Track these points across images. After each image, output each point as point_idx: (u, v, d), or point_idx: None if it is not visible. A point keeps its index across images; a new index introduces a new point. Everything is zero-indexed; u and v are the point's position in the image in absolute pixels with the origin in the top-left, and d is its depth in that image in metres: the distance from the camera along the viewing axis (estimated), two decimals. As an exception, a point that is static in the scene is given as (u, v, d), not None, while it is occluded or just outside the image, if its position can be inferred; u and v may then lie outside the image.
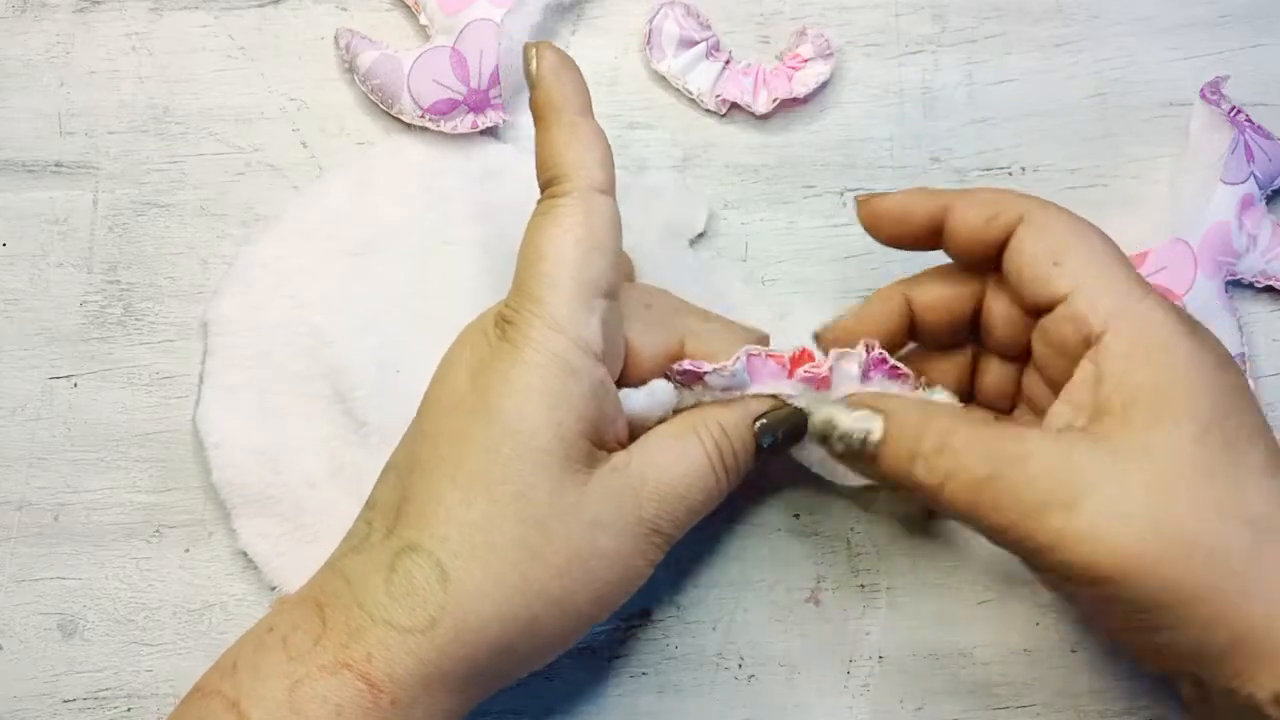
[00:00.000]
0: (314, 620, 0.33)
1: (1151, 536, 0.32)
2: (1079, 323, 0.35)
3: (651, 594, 0.43)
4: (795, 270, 0.46)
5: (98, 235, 0.46)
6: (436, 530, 0.33)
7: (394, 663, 0.33)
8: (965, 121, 0.47)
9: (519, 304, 0.35)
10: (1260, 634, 0.32)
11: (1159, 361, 0.34)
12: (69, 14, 0.47)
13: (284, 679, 0.32)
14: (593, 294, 0.35)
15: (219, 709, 0.33)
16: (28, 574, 0.43)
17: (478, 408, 0.34)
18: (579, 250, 0.35)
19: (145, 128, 0.47)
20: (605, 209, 0.36)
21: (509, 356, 0.34)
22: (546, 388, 0.34)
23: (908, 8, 0.48)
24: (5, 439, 0.44)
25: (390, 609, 0.33)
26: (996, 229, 0.37)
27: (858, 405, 0.36)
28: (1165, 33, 0.48)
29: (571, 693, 0.42)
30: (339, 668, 0.32)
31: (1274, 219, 0.46)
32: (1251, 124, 0.45)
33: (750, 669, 0.42)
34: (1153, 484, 0.33)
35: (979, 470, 0.34)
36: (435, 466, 0.34)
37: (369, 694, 0.32)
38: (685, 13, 0.47)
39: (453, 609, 0.33)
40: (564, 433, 0.34)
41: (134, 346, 0.45)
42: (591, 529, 0.34)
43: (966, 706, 0.42)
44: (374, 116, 0.47)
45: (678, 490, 0.36)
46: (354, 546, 0.35)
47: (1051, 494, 0.33)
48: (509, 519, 0.33)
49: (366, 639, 0.33)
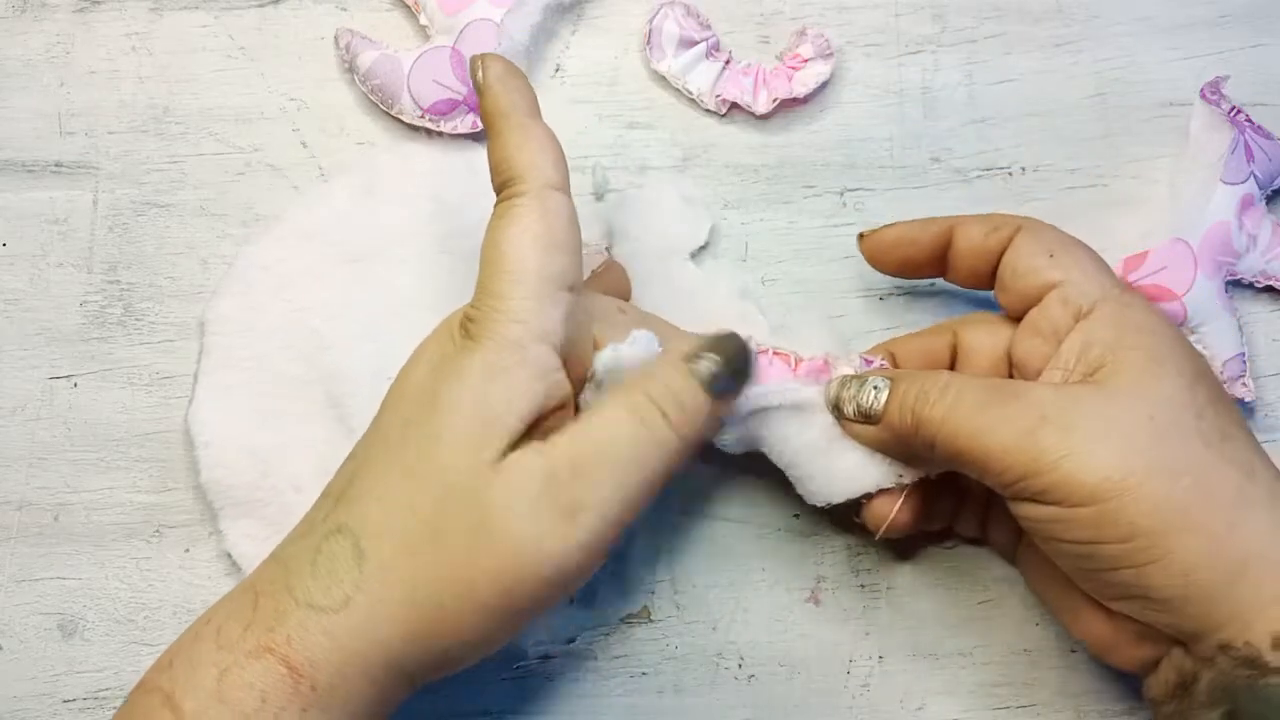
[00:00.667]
0: (247, 607, 0.34)
1: (1142, 458, 0.34)
2: (1069, 304, 0.38)
3: (651, 594, 0.43)
4: (795, 270, 0.46)
5: (98, 235, 0.46)
6: (359, 511, 0.34)
7: (311, 645, 0.32)
8: (965, 121, 0.47)
9: (482, 302, 0.35)
10: (1250, 573, 0.33)
11: (1146, 329, 0.37)
12: (69, 14, 0.47)
13: (213, 668, 0.32)
14: (555, 288, 0.35)
15: (156, 704, 0.33)
16: (28, 574, 0.43)
17: (425, 398, 0.35)
18: (538, 246, 0.35)
19: (145, 128, 0.47)
20: (561, 205, 0.36)
21: (467, 350, 0.34)
22: (489, 371, 0.34)
23: (908, 8, 0.48)
24: (5, 439, 0.44)
25: (312, 590, 0.33)
26: (997, 240, 0.40)
27: (866, 374, 0.39)
28: (1165, 33, 0.48)
29: (571, 693, 0.42)
30: (262, 652, 0.32)
31: (1274, 219, 0.46)
32: (1251, 124, 0.45)
33: (750, 669, 0.42)
34: (1145, 415, 0.35)
35: (979, 398, 0.36)
36: (377, 452, 0.35)
37: (290, 679, 0.32)
38: (685, 13, 0.47)
39: (366, 588, 0.33)
40: (496, 415, 0.33)
41: (134, 346, 0.45)
42: (499, 509, 0.33)
43: (966, 706, 0.42)
44: (374, 117, 0.47)
45: (596, 446, 0.34)
46: (298, 534, 0.35)
47: (1047, 416, 0.35)
48: (424, 500, 0.33)
49: (288, 621, 0.33)
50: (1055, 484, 0.34)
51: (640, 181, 0.46)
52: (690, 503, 0.44)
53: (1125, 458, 0.34)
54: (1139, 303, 0.38)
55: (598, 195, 0.46)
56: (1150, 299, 0.44)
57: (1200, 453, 0.34)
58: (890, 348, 0.42)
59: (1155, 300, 0.44)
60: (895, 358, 0.42)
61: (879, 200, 0.47)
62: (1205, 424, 0.35)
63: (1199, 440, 0.35)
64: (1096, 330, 0.37)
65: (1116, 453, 0.34)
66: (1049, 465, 0.34)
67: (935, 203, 0.47)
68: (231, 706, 0.32)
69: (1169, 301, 0.44)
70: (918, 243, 0.42)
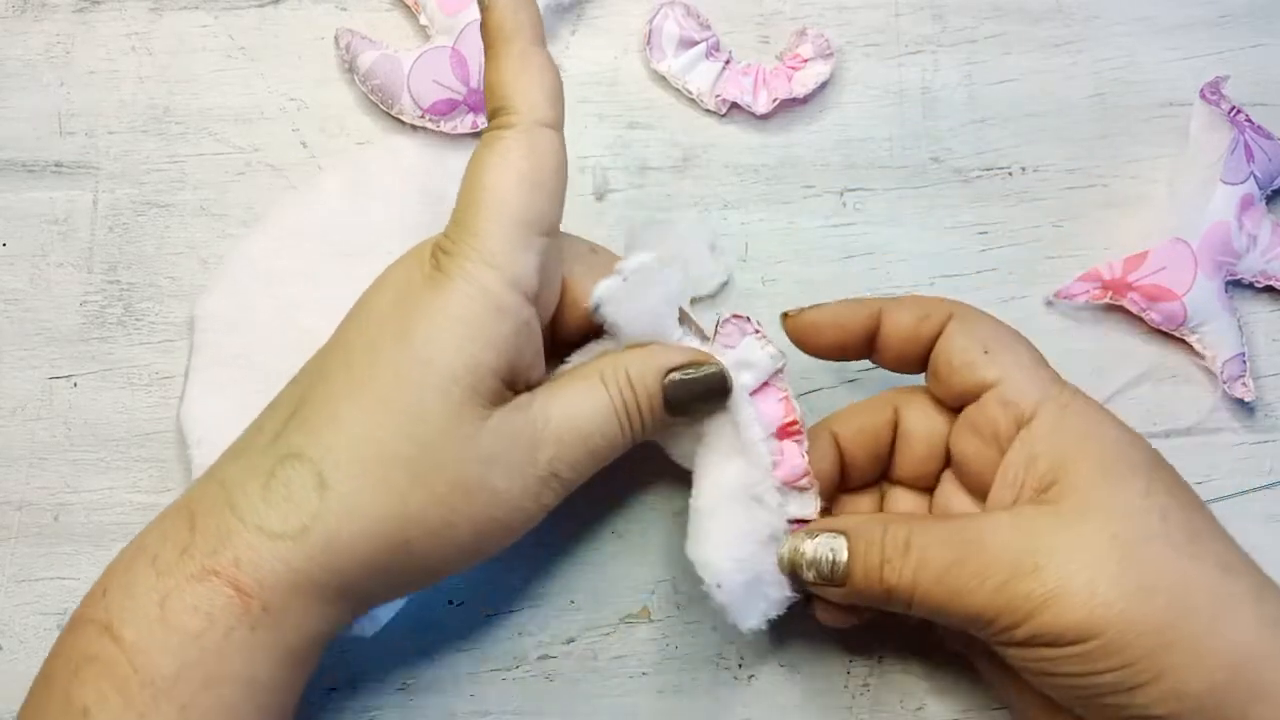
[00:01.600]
0: (183, 530, 0.33)
1: (1115, 585, 0.33)
2: (1010, 406, 0.36)
3: (651, 594, 0.43)
4: (795, 270, 0.46)
5: (98, 235, 0.46)
6: (323, 439, 0.33)
7: (261, 567, 0.32)
8: (965, 121, 0.47)
9: (457, 236, 0.34)
10: (1243, 674, 0.32)
11: (1090, 435, 0.36)
12: (69, 14, 0.47)
13: (154, 594, 0.32)
14: (532, 232, 0.34)
15: (93, 635, 0.32)
16: (28, 574, 0.43)
17: (395, 329, 0.34)
18: (521, 187, 0.34)
19: (145, 128, 0.47)
20: (550, 145, 0.35)
21: (438, 285, 0.34)
22: (467, 320, 0.33)
23: (908, 8, 0.48)
24: (5, 439, 0.44)
25: (264, 514, 0.32)
26: (928, 328, 0.38)
27: (816, 530, 0.37)
28: (1165, 33, 0.48)
29: (571, 693, 0.42)
30: (206, 575, 0.32)
31: (1274, 219, 0.46)
32: (1251, 124, 0.45)
33: (750, 669, 0.42)
34: (1108, 536, 0.34)
35: (944, 558, 0.34)
36: (339, 375, 0.34)
37: (238, 600, 0.32)
38: (685, 13, 0.47)
39: (326, 518, 0.32)
40: (475, 366, 0.33)
41: (134, 346, 0.45)
42: (484, 464, 0.33)
43: (966, 706, 0.42)
44: (374, 116, 0.47)
45: (579, 434, 0.35)
46: (236, 452, 0.35)
47: (1016, 563, 0.34)
48: (398, 438, 0.33)
49: (234, 543, 0.32)
50: (1038, 631, 0.33)
51: (640, 181, 0.46)
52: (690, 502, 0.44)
53: (1098, 589, 0.33)
54: (1078, 403, 0.37)
55: (598, 195, 0.46)
56: (1150, 299, 0.44)
57: (1171, 561, 0.33)
58: (831, 426, 0.40)
59: (1155, 300, 0.44)
60: (838, 438, 0.40)
61: (879, 200, 0.47)
62: (1170, 524, 0.34)
63: (1167, 547, 0.33)
64: (1040, 442, 0.36)
65: (1089, 585, 0.33)
66: (1028, 615, 0.33)
67: (935, 202, 0.47)
68: (175, 630, 0.32)
69: (1169, 301, 0.44)
70: (846, 327, 0.39)
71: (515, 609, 0.43)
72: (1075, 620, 0.33)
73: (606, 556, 0.43)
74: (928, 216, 0.46)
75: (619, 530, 0.43)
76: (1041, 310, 0.46)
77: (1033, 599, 0.33)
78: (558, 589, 0.43)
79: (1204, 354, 0.45)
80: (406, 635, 0.42)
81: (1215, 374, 0.45)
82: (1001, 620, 0.34)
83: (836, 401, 0.44)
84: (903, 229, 0.46)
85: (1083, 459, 0.35)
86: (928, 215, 0.46)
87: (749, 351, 0.38)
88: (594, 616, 0.43)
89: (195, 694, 0.31)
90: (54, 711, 0.32)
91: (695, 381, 0.37)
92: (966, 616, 0.34)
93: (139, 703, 0.31)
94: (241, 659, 0.32)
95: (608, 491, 0.43)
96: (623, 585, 0.43)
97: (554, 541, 0.43)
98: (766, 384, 0.38)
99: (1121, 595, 0.33)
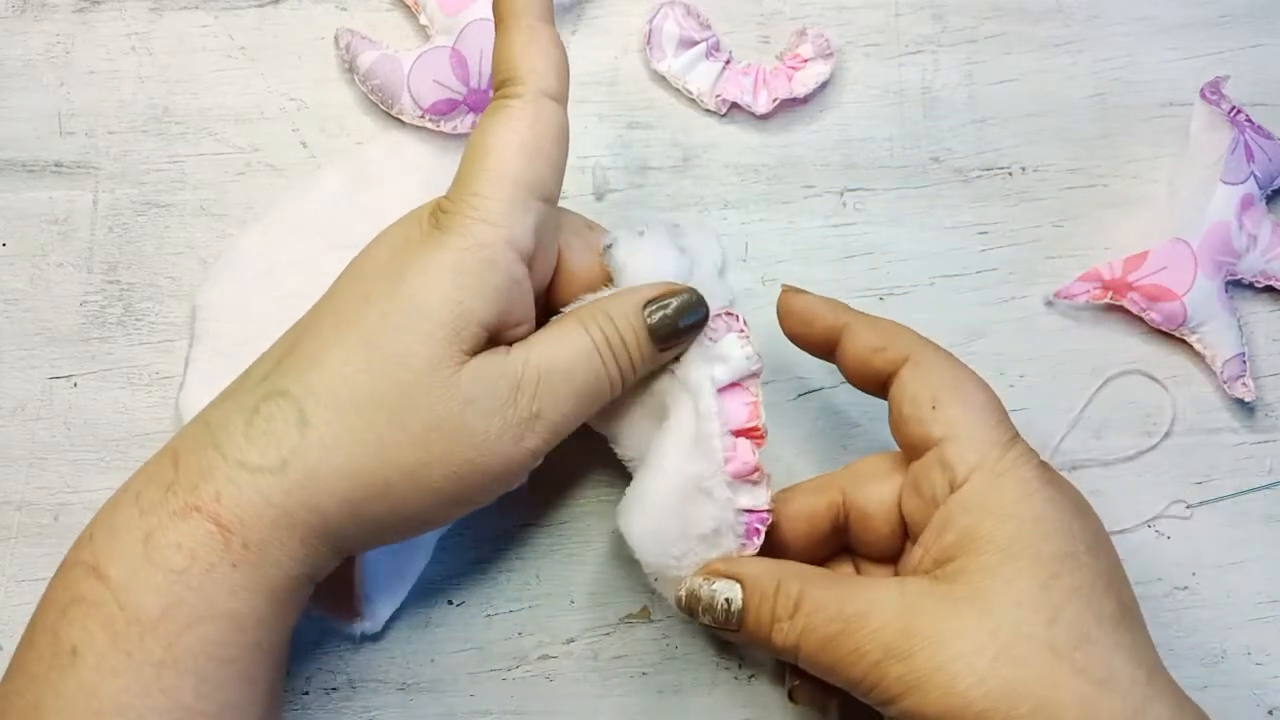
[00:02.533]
0: (167, 469, 0.34)
1: (983, 684, 0.32)
2: (945, 469, 0.36)
3: (651, 594, 0.43)
4: (795, 270, 0.46)
5: (98, 235, 0.46)
6: (307, 378, 0.34)
7: (241, 502, 0.33)
8: (965, 121, 0.47)
9: (457, 195, 0.35)
10: None
11: (1008, 513, 0.34)
12: (69, 14, 0.47)
13: (138, 531, 0.33)
14: (531, 195, 0.35)
15: (80, 576, 0.33)
16: (28, 574, 0.43)
17: (389, 276, 0.35)
18: (523, 152, 0.35)
19: (145, 128, 0.47)
20: (554, 115, 0.36)
21: (435, 240, 0.35)
22: (459, 269, 0.34)
23: (908, 8, 0.48)
24: (5, 439, 0.44)
25: (245, 449, 0.33)
26: (882, 362, 0.37)
27: (714, 575, 0.37)
28: (1165, 33, 0.48)
29: (571, 693, 0.42)
30: (189, 511, 0.32)
31: (1274, 219, 0.46)
32: (1251, 124, 0.45)
33: (750, 669, 0.42)
34: (987, 631, 0.33)
35: (828, 629, 0.35)
36: (329, 322, 0.35)
37: (219, 535, 0.32)
38: (685, 13, 0.47)
39: (305, 453, 0.33)
40: (462, 313, 0.34)
41: (134, 346, 0.45)
42: (462, 406, 0.34)
43: (966, 706, 0.42)
44: (374, 116, 0.47)
45: (559, 369, 0.36)
46: (225, 395, 0.35)
47: (891, 646, 0.34)
48: (379, 378, 0.33)
49: (216, 478, 0.33)
50: (905, 712, 0.33)
51: (640, 181, 0.46)
52: (690, 503, 0.44)
53: (962, 685, 0.32)
54: (1017, 471, 0.35)
55: (598, 195, 0.46)
56: (1150, 299, 0.44)
57: (1046, 668, 0.32)
58: (775, 505, 0.39)
59: (1155, 300, 0.44)
60: (779, 518, 0.39)
61: (879, 200, 0.47)
62: (1059, 629, 0.33)
63: (1047, 652, 0.33)
64: (958, 513, 0.35)
65: (954, 679, 0.32)
66: (895, 697, 0.33)
67: (935, 202, 0.47)
68: (159, 567, 0.32)
69: (1169, 301, 0.44)
70: (810, 326, 0.39)
71: (515, 609, 0.43)
72: (935, 713, 0.33)
73: (606, 556, 0.43)
74: (928, 216, 0.46)
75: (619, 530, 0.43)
76: (1041, 310, 0.46)
77: (902, 683, 0.33)
78: (558, 589, 0.43)
79: (1204, 354, 0.45)
80: (406, 635, 0.42)
81: (1215, 374, 0.45)
82: (874, 695, 0.34)
83: (836, 401, 0.44)
84: (903, 229, 0.46)
85: (989, 541, 0.34)
86: (928, 215, 0.46)
87: (728, 347, 0.38)
88: (594, 616, 0.43)
89: (181, 631, 0.32)
90: (42, 651, 0.32)
91: (674, 308, 0.37)
92: (847, 683, 0.35)
93: (125, 640, 0.31)
94: (224, 596, 0.32)
95: (607, 491, 0.43)
96: (623, 585, 0.43)
97: (554, 541, 0.43)
98: (738, 384, 0.38)
99: (984, 695, 0.32)
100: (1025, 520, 0.34)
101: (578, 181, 0.46)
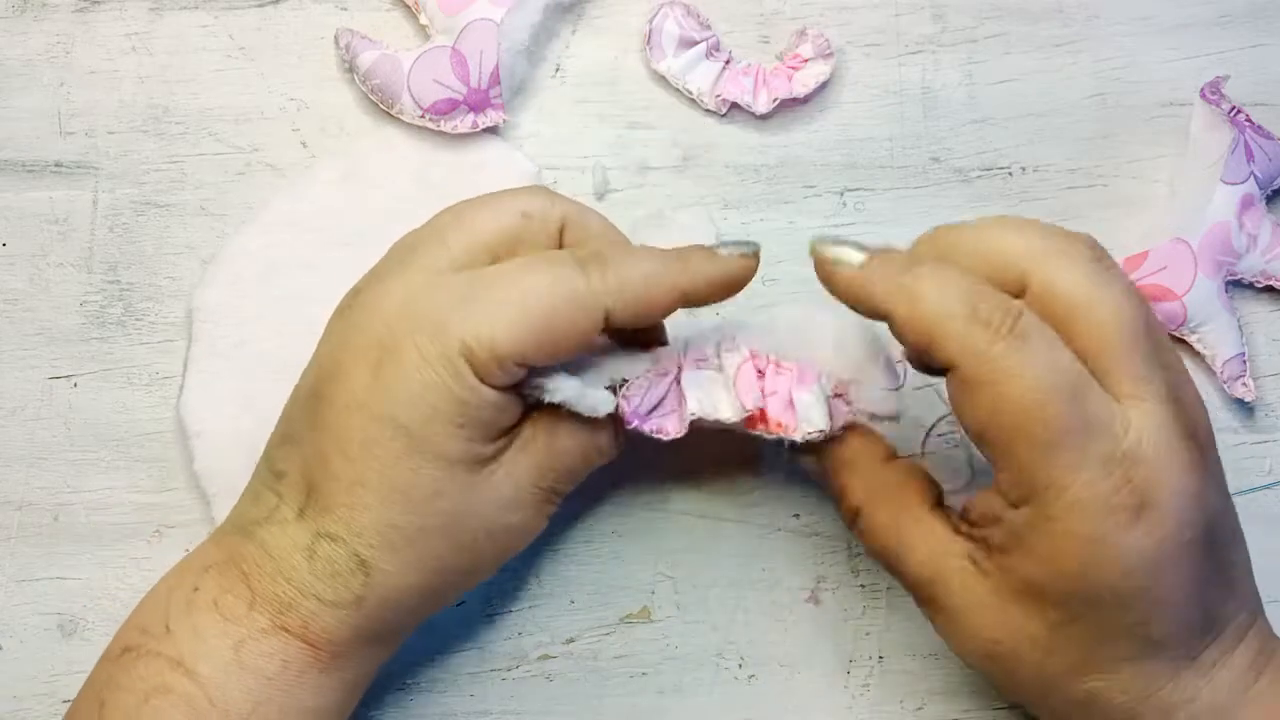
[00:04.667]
0: (241, 587, 0.35)
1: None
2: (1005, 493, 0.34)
3: (651, 594, 0.43)
4: (795, 270, 0.46)
5: (98, 235, 0.46)
6: (353, 525, 0.34)
7: (329, 629, 0.35)
8: (965, 121, 0.47)
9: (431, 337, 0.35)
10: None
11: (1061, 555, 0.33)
12: (69, 14, 0.47)
13: (226, 638, 0.34)
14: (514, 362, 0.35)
15: (163, 668, 0.34)
16: (28, 574, 0.43)
17: (382, 416, 0.34)
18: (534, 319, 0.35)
19: (145, 128, 0.47)
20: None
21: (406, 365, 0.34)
22: (447, 404, 0.34)
23: (908, 8, 0.48)
24: (5, 439, 0.44)
25: (316, 587, 0.35)
26: (932, 360, 0.35)
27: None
28: (1165, 33, 0.48)
29: (571, 693, 0.42)
30: (278, 630, 0.35)
31: (1274, 219, 0.46)
32: (1251, 124, 0.45)
33: (750, 669, 0.42)
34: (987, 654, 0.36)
35: (884, 531, 0.37)
36: (343, 469, 0.34)
37: (310, 650, 0.35)
38: (685, 13, 0.47)
39: (375, 589, 0.35)
40: (471, 440, 0.35)
41: (134, 346, 0.45)
42: (500, 510, 0.36)
43: (966, 706, 0.42)
44: (374, 116, 0.47)
45: (577, 462, 0.38)
46: (266, 517, 0.36)
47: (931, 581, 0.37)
48: (425, 516, 0.35)
49: (299, 609, 0.35)
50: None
51: (640, 181, 0.46)
52: (689, 503, 0.44)
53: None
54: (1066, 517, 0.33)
55: (598, 195, 0.46)
56: (1150, 299, 0.44)
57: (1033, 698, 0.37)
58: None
59: (1155, 300, 0.44)
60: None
61: (879, 200, 0.47)
62: (1055, 659, 0.35)
63: (1037, 688, 0.36)
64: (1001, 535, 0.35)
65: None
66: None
67: (935, 202, 0.47)
68: (252, 671, 0.34)
69: (1169, 301, 0.44)
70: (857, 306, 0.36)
71: (515, 609, 0.43)
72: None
73: (606, 556, 0.43)
74: (928, 216, 0.46)
75: (619, 530, 0.43)
76: (1041, 310, 0.46)
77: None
78: (558, 589, 0.43)
79: (1204, 354, 0.45)
80: (406, 635, 0.42)
81: (1215, 374, 0.45)
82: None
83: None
84: (903, 229, 0.46)
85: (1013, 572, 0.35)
86: (928, 215, 0.46)
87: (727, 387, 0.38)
88: (594, 616, 0.43)
89: None
90: None
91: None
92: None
93: None
94: (310, 695, 0.35)
95: (608, 491, 0.43)
96: (623, 585, 0.43)
97: (554, 541, 0.43)
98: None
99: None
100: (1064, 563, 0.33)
101: (578, 181, 0.46)
